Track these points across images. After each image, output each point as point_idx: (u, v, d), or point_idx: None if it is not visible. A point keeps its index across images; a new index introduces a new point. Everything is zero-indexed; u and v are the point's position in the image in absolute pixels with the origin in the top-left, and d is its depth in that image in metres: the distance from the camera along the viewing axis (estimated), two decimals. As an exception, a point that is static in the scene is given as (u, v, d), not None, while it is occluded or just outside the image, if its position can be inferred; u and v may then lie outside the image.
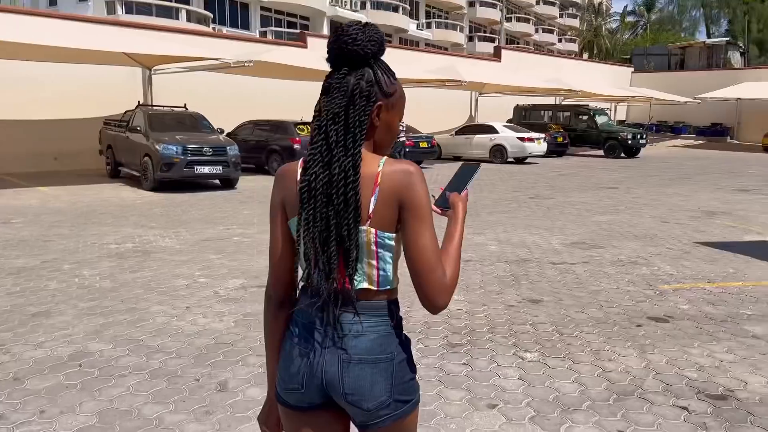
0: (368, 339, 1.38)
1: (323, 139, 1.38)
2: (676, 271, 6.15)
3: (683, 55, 37.62)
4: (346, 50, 1.36)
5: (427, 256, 1.35)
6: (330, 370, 1.38)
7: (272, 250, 1.49)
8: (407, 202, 1.35)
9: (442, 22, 48.52)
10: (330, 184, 1.35)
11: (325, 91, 1.40)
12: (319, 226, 1.37)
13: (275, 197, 1.49)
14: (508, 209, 10.32)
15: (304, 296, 1.44)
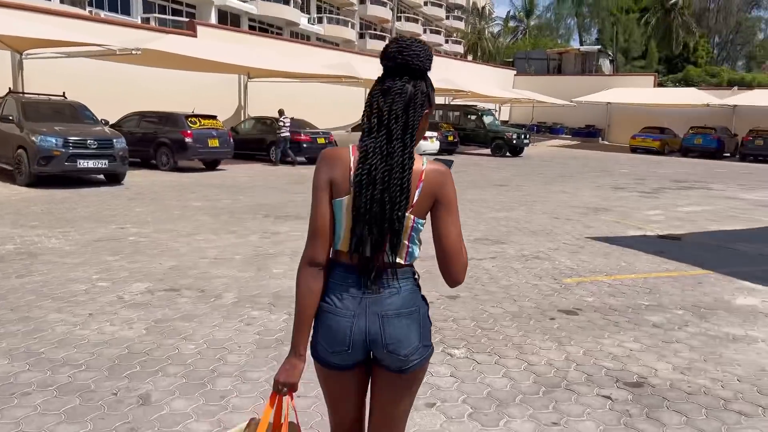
0: (400, 297, 1.69)
1: (385, 135, 1.64)
2: (575, 265, 6.51)
3: (560, 60, 40.10)
4: (411, 63, 1.63)
5: (456, 242, 1.69)
6: (372, 327, 1.67)
7: (319, 221, 1.68)
8: (442, 197, 1.68)
9: (334, 18, 48.40)
10: (390, 173, 1.62)
11: (384, 93, 1.65)
12: (376, 208, 1.62)
13: (322, 176, 1.69)
14: (410, 206, 10.48)
15: (338, 267, 1.71)
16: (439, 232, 1.69)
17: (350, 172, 1.66)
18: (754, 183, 17.04)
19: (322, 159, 1.72)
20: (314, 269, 1.69)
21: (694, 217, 10.40)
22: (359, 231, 1.64)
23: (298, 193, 11.75)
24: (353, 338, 1.68)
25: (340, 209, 1.67)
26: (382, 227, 1.63)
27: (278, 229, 8.01)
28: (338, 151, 1.72)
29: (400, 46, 1.64)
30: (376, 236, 1.63)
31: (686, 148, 29.24)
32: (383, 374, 1.75)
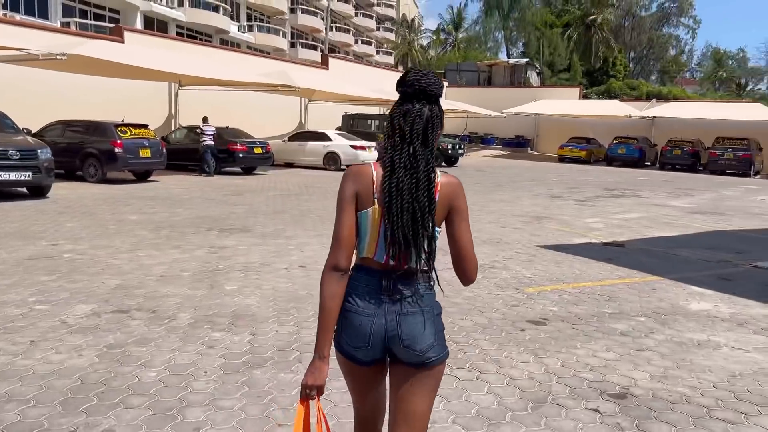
0: (418, 298, 1.86)
1: (409, 151, 1.82)
2: (532, 274, 6.54)
3: (490, 72, 41.08)
4: (429, 90, 1.84)
5: (470, 247, 1.90)
6: (390, 325, 1.83)
7: (344, 231, 1.84)
8: (456, 206, 1.89)
9: (264, 26, 47.77)
10: (416, 185, 1.80)
11: (404, 115, 1.84)
12: (407, 217, 1.79)
13: (349, 190, 1.85)
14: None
15: (361, 272, 1.88)
16: (454, 237, 1.89)
17: (373, 186, 1.84)
18: (677, 191, 17.90)
19: (349, 174, 1.89)
20: (338, 274, 1.83)
21: (632, 224, 10.76)
22: (394, 238, 1.81)
23: (238, 204, 11.37)
24: (373, 336, 1.84)
25: (366, 220, 1.85)
26: (415, 234, 1.81)
27: (224, 243, 7.67)
28: (362, 168, 1.89)
29: (418, 76, 1.86)
30: (407, 243, 1.81)
31: (611, 158, 30.49)
32: (401, 370, 1.89)
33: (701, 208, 13.56)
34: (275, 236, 8.29)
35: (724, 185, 20.83)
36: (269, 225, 9.20)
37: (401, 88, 1.89)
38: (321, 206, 11.48)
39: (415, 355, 1.84)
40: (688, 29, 63.46)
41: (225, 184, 14.99)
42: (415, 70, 1.90)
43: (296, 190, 14.29)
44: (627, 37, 62.06)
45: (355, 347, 1.87)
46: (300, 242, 7.91)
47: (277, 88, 19.93)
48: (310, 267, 6.51)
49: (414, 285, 1.87)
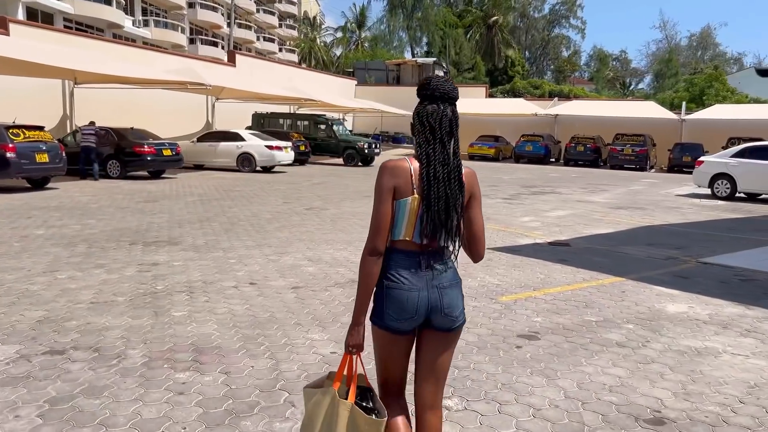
0: (451, 272, 2.18)
1: (441, 146, 2.10)
2: (498, 281, 6.26)
3: (399, 71, 41.19)
4: (451, 95, 2.12)
5: (482, 227, 2.22)
6: (433, 297, 2.12)
7: (382, 219, 2.07)
8: (474, 193, 2.19)
9: (161, 21, 45.34)
10: (449, 174, 2.09)
11: (430, 114, 2.10)
12: (442, 203, 2.08)
13: (387, 183, 2.08)
14: (293, 223, 9.69)
15: (400, 253, 2.12)
16: (470, 218, 2.19)
17: (412, 178, 2.08)
18: (590, 186, 18.52)
19: (386, 169, 2.11)
20: (375, 257, 2.08)
21: (566, 221, 10.84)
22: (432, 221, 2.08)
23: (156, 213, 10.40)
24: (419, 307, 2.11)
25: (405, 207, 2.09)
26: (449, 216, 2.09)
27: (155, 259, 6.85)
28: (399, 162, 2.12)
29: (440, 82, 2.14)
30: (443, 225, 2.09)
31: (518, 155, 31.35)
32: (434, 335, 2.20)
33: (621, 203, 14.00)
34: (210, 249, 7.54)
35: (629, 180, 21.85)
36: (199, 236, 8.40)
37: (426, 92, 2.13)
38: (249, 213, 10.73)
39: (451, 320, 2.17)
40: (578, 30, 66.98)
41: (136, 190, 13.80)
42: (437, 77, 2.15)
43: (215, 194, 13.38)
44: (522, 37, 64.58)
45: (401, 319, 2.11)
46: (240, 255, 7.21)
47: (186, 85, 18.74)
48: (262, 284, 5.88)
49: (445, 261, 2.16)
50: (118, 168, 16.46)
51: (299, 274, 6.33)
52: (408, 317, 2.11)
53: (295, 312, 4.99)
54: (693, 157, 28.68)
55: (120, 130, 16.80)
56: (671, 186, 19.75)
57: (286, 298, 5.38)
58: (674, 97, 41.69)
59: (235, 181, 16.56)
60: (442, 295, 2.12)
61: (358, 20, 64.56)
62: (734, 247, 8.80)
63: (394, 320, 2.11)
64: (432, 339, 2.20)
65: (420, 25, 56.37)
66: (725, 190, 15.47)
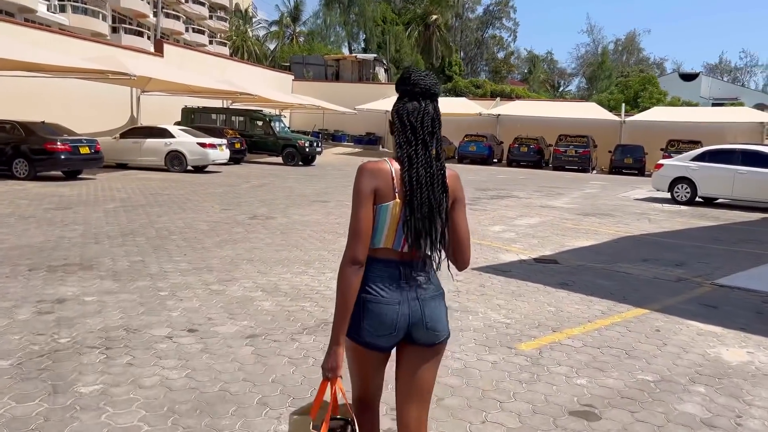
0: (432, 282, 2.05)
1: (423, 146, 1.97)
2: (504, 317, 5.07)
3: (338, 66, 39.69)
4: (432, 90, 2.01)
5: (468, 232, 2.11)
6: (414, 310, 1.97)
7: (362, 225, 1.92)
8: (458, 195, 2.08)
9: (80, 7, 42.02)
10: (432, 178, 1.97)
11: (412, 112, 1.97)
12: (425, 209, 1.95)
13: (367, 186, 1.94)
14: (235, 237, 8.20)
15: (378, 263, 1.98)
16: (456, 223, 2.06)
17: (393, 181, 1.95)
18: (544, 189, 17.76)
19: (365, 171, 1.95)
20: (356, 267, 1.91)
21: (540, 231, 9.83)
22: (416, 228, 1.94)
23: (69, 224, 8.67)
24: (399, 322, 1.95)
25: (385, 213, 1.95)
26: (432, 222, 1.96)
27: (61, 293, 5.27)
28: (378, 164, 1.97)
29: (421, 75, 2.01)
30: (427, 232, 1.95)
31: (461, 155, 30.57)
32: (414, 350, 2.02)
33: (585, 209, 13.20)
34: (134, 275, 5.99)
35: (578, 182, 21.35)
36: (120, 256, 6.82)
37: (405, 87, 1.99)
38: (182, 223, 9.14)
39: (435, 335, 2.01)
40: (510, 31, 67.41)
41: (46, 194, 11.87)
42: (417, 70, 2.02)
43: (141, 199, 11.65)
44: (457, 37, 64.38)
45: (379, 335, 1.95)
46: (174, 284, 5.72)
47: (107, 75, 16.69)
48: (205, 331, 4.44)
49: (426, 270, 2.01)
50: (26, 168, 14.34)
51: (253, 313, 4.92)
52: (386, 333, 1.97)
53: (257, 381, 3.61)
54: (634, 159, 28.83)
55: (28, 125, 14.66)
56: (622, 189, 19.32)
57: (240, 356, 3.98)
58: (610, 99, 42.19)
59: (164, 183, 14.77)
60: (424, 308, 1.99)
61: (292, 14, 62.54)
62: (732, 262, 7.99)
63: (371, 335, 1.97)
64: (413, 355, 2.05)
65: (357, 21, 54.99)
66: (685, 194, 14.99)
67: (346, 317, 1.90)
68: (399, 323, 1.94)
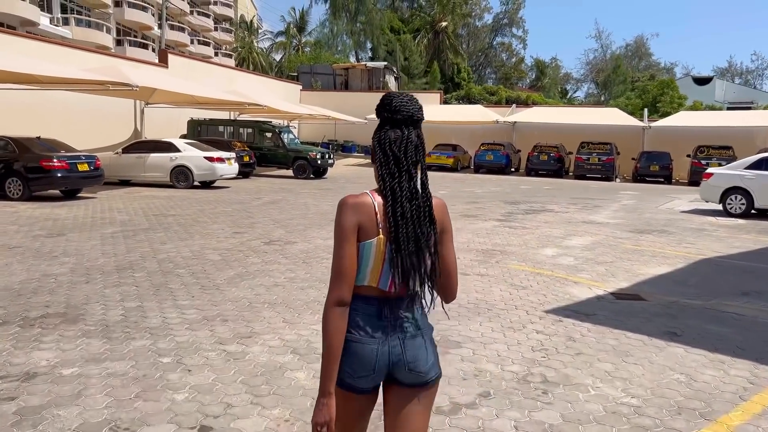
0: (416, 320, 1.87)
1: (407, 178, 1.82)
2: (626, 395, 3.76)
3: (347, 75, 38.58)
4: (416, 117, 1.85)
5: (455, 263, 1.95)
6: (394, 351, 1.81)
7: (347, 263, 1.77)
8: (445, 226, 1.92)
9: (84, 20, 41.16)
10: (418, 211, 1.82)
11: (395, 141, 1.82)
12: (413, 243, 1.80)
13: (350, 222, 1.78)
14: (251, 269, 6.93)
15: (357, 298, 1.81)
16: (442, 255, 1.88)
17: (377, 216, 1.80)
18: (576, 200, 16.45)
19: (347, 205, 1.81)
20: (341, 309, 1.77)
21: (600, 255, 8.54)
22: (403, 266, 1.78)
23: (58, 256, 7.44)
24: (378, 363, 1.80)
25: (369, 250, 1.79)
26: (420, 259, 1.81)
27: (32, 362, 4.00)
28: (360, 198, 1.83)
29: (404, 101, 1.84)
30: (417, 268, 1.80)
31: (478, 165, 29.27)
32: (399, 392, 1.85)
33: (635, 225, 11.88)
34: (129, 330, 4.73)
35: (607, 192, 20.04)
36: (114, 300, 5.56)
37: (387, 114, 1.84)
38: (189, 252, 7.89)
39: (419, 375, 1.84)
40: (520, 40, 66.21)
41: (39, 217, 10.66)
42: (398, 94, 1.88)
43: (143, 222, 10.42)
44: (465, 45, 63.29)
45: (357, 376, 1.81)
46: (179, 344, 4.45)
47: (107, 86, 15.53)
48: (222, 429, 3.17)
49: (412, 309, 1.87)
50: (20, 187, 13.16)
51: (285, 393, 3.63)
52: (365, 374, 1.80)
53: None
54: (661, 166, 27.43)
55: (22, 140, 13.49)
56: (659, 199, 17.98)
57: (277, 480, 2.71)
58: (627, 104, 40.86)
59: (169, 202, 13.55)
60: (405, 348, 1.82)
61: (298, 24, 61.68)
62: None
63: (350, 377, 1.80)
64: (399, 397, 1.86)
65: (364, 29, 53.97)
66: (740, 206, 13.61)
67: (336, 363, 1.77)
68: (379, 363, 1.81)
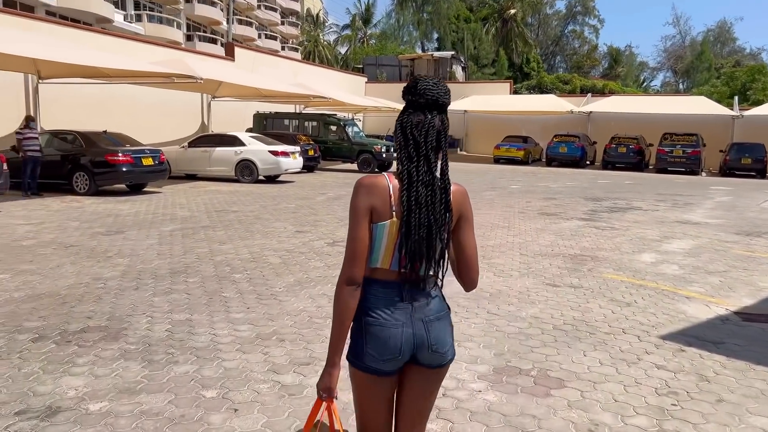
0: (436, 302, 1.93)
1: (425, 163, 1.82)
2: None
3: (413, 66, 37.69)
4: (441, 101, 1.85)
5: (475, 250, 1.96)
6: (418, 333, 1.87)
7: (359, 245, 1.82)
8: (465, 213, 1.94)
9: (156, 16, 42.01)
10: (432, 197, 1.82)
11: (417, 126, 1.82)
12: (423, 230, 1.81)
13: (363, 203, 1.82)
14: (313, 275, 6.27)
15: (377, 284, 1.87)
16: (461, 242, 1.92)
17: (391, 199, 1.82)
18: (664, 197, 15.06)
19: (362, 187, 1.83)
20: (352, 288, 1.82)
21: (709, 263, 7.43)
22: (411, 250, 1.81)
23: (113, 256, 7.01)
24: (403, 345, 1.85)
25: (382, 232, 1.82)
26: (431, 245, 1.82)
27: (60, 392, 3.44)
28: (376, 179, 1.84)
29: (429, 85, 1.83)
30: (425, 254, 1.82)
31: (551, 158, 27.84)
32: (420, 372, 1.92)
33: (740, 226, 10.57)
34: (173, 351, 4.13)
35: (697, 187, 18.42)
36: (161, 312, 5.01)
37: (411, 97, 1.85)
38: (248, 254, 7.33)
39: (440, 356, 1.90)
40: (593, 29, 63.34)
41: (101, 213, 10.42)
42: (425, 78, 1.86)
43: (204, 219, 9.98)
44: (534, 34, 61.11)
45: (384, 360, 1.85)
46: (227, 370, 3.80)
47: (172, 79, 15.34)
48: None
49: (428, 291, 1.90)
50: (86, 182, 13.08)
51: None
52: (390, 357, 1.85)
53: None
54: (754, 159, 25.14)
55: (89, 135, 13.41)
56: (759, 195, 16.30)
57: None
58: (713, 92, 38.16)
59: (233, 197, 13.17)
60: (429, 329, 1.88)
61: (363, 16, 61.25)
62: None
63: (375, 360, 1.85)
64: (417, 377, 1.95)
65: (431, 19, 52.90)
66: None
67: (343, 339, 1.85)
68: (404, 346, 1.85)
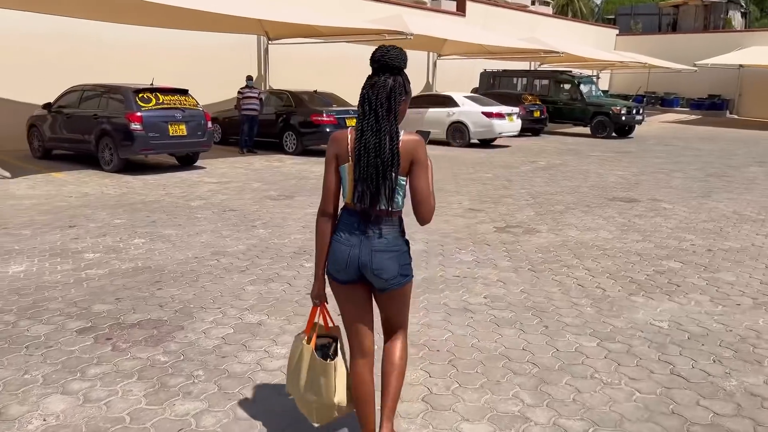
0: (386, 239, 2.29)
1: (374, 117, 2.19)
2: None
3: (676, 14, 32.48)
4: (391, 64, 2.19)
5: (425, 190, 2.26)
6: (363, 257, 2.28)
7: (327, 185, 2.30)
8: (415, 158, 2.24)
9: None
10: (380, 144, 2.19)
11: (371, 87, 2.20)
12: (372, 170, 2.20)
13: (331, 152, 2.29)
14: (455, 276, 5.00)
15: (345, 212, 2.32)
16: (413, 183, 2.26)
17: (348, 146, 2.25)
18: None
19: (331, 139, 2.30)
20: (325, 218, 2.32)
21: None
22: (360, 188, 2.22)
23: (257, 226, 6.53)
24: (349, 261, 2.29)
25: (344, 173, 2.27)
26: (377, 183, 2.21)
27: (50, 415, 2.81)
28: (341, 133, 2.28)
29: (383, 52, 2.19)
30: (373, 190, 2.22)
31: None
32: (376, 293, 2.40)
33: None
34: (198, 378, 3.25)
35: None
36: (235, 309, 4.22)
37: (371, 64, 2.20)
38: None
39: (382, 281, 2.30)
40: None
41: (289, 174, 10.30)
42: (382, 47, 2.21)
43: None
44: None
45: (337, 270, 2.32)
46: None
47: (384, 35, 14.75)
48: None
49: (382, 226, 2.27)
50: (294, 141, 13.27)
51: None
52: (340, 268, 2.30)
53: None
54: None
55: (300, 94, 13.55)
56: None
57: None
58: None
59: (438, 161, 12.20)
60: (373, 256, 2.26)
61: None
62: None
63: (333, 270, 2.33)
64: (376, 293, 2.40)
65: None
66: None
67: (321, 257, 2.34)
68: (350, 262, 2.27)
